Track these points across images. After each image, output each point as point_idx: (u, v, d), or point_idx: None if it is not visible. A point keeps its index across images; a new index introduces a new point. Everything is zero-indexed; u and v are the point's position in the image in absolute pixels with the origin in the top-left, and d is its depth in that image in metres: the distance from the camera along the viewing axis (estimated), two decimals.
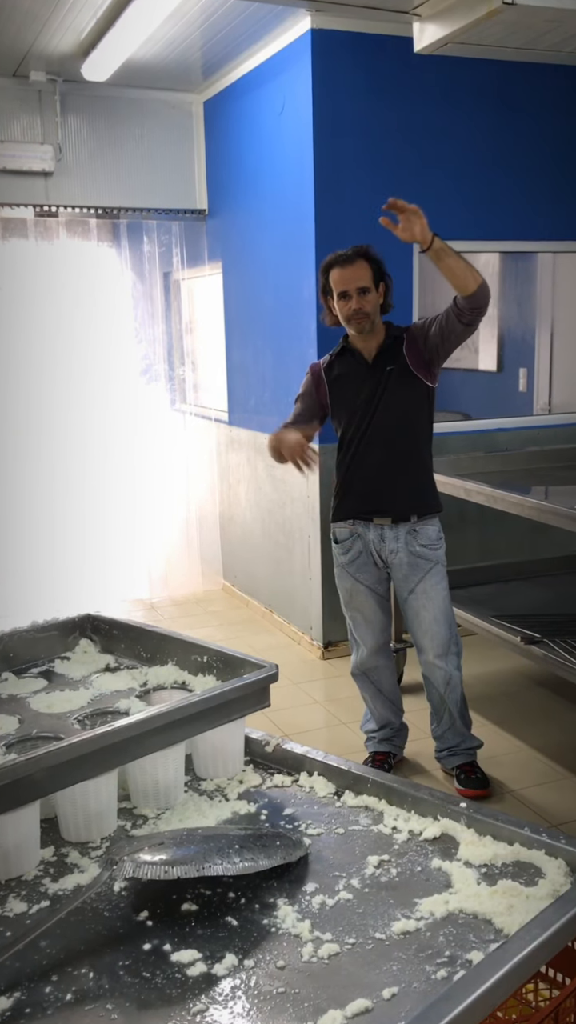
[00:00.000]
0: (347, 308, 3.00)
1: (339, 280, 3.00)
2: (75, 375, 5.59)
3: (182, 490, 6.00)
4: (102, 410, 5.71)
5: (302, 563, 4.80)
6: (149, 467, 5.87)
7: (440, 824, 1.41)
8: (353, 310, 2.99)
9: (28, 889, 1.31)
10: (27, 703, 1.71)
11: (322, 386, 3.18)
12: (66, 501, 5.63)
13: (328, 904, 1.25)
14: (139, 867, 1.23)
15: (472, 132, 4.55)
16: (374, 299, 3.01)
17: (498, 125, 4.59)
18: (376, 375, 3.08)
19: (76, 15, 4.08)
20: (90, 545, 5.70)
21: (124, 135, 5.31)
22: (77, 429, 5.65)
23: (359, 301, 2.98)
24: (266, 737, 1.70)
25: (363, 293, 2.98)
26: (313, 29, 4.14)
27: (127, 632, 1.94)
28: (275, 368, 4.94)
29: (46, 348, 5.49)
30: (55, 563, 5.55)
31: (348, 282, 2.98)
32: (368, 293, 2.99)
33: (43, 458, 5.57)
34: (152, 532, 5.91)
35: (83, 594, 5.33)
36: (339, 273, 3.00)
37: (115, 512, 5.80)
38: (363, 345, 3.10)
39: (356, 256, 3.00)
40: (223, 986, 1.10)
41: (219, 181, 5.41)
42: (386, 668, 3.36)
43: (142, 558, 5.90)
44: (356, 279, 2.98)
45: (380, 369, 3.08)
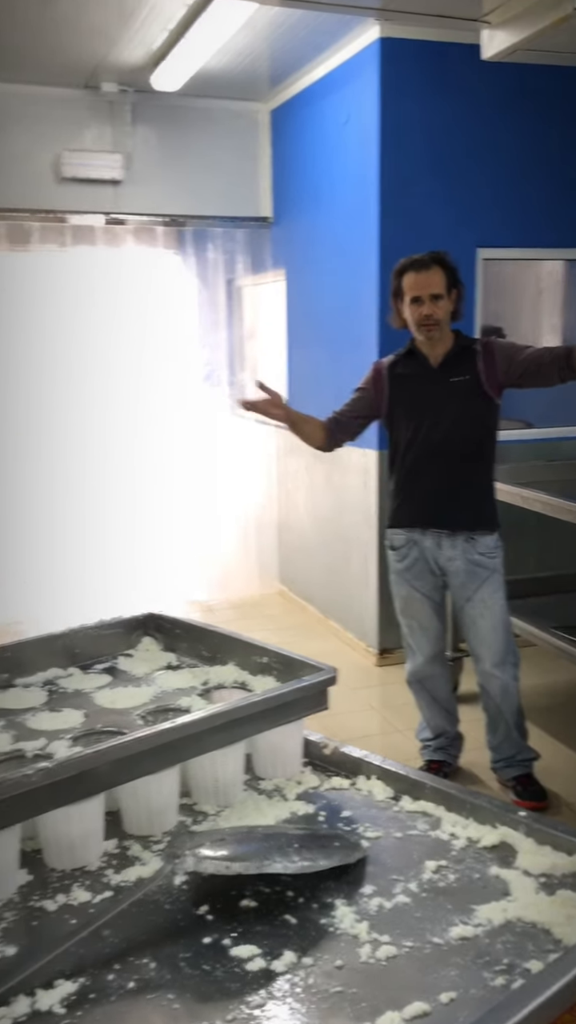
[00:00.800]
0: (418, 313, 2.99)
1: (413, 285, 2.99)
2: (139, 380, 5.68)
3: (241, 494, 6.05)
4: (164, 415, 5.80)
5: (359, 569, 4.80)
6: (209, 471, 5.93)
7: (499, 832, 1.40)
8: (424, 315, 2.98)
9: (92, 879, 1.34)
10: (92, 698, 1.75)
11: (381, 383, 3.16)
12: (127, 503, 5.72)
13: (386, 907, 1.26)
14: (200, 862, 1.25)
15: (540, 139, 4.51)
16: (446, 306, 3.01)
17: (567, 132, 4.55)
18: (441, 382, 3.07)
19: (148, 28, 4.16)
20: (151, 546, 5.78)
21: (192, 144, 5.39)
22: (140, 433, 5.74)
23: (431, 307, 2.97)
24: (324, 740, 1.71)
25: (436, 300, 2.98)
26: (382, 38, 4.16)
27: (189, 631, 1.98)
28: (335, 374, 4.95)
29: (111, 353, 5.59)
30: (119, 563, 5.64)
31: (422, 287, 2.98)
32: (440, 300, 2.99)
33: (109, 461, 5.67)
34: (211, 535, 5.97)
35: (144, 594, 5.41)
36: (413, 278, 2.99)
37: (175, 515, 5.88)
38: (430, 350, 3.10)
39: (432, 262, 2.99)
40: (281, 982, 1.11)
41: (284, 189, 5.46)
42: (441, 676, 3.35)
43: (201, 560, 5.96)
44: (430, 285, 2.97)
45: (445, 377, 3.07)
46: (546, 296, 6.02)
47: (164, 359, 5.76)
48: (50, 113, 5.10)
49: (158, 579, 5.76)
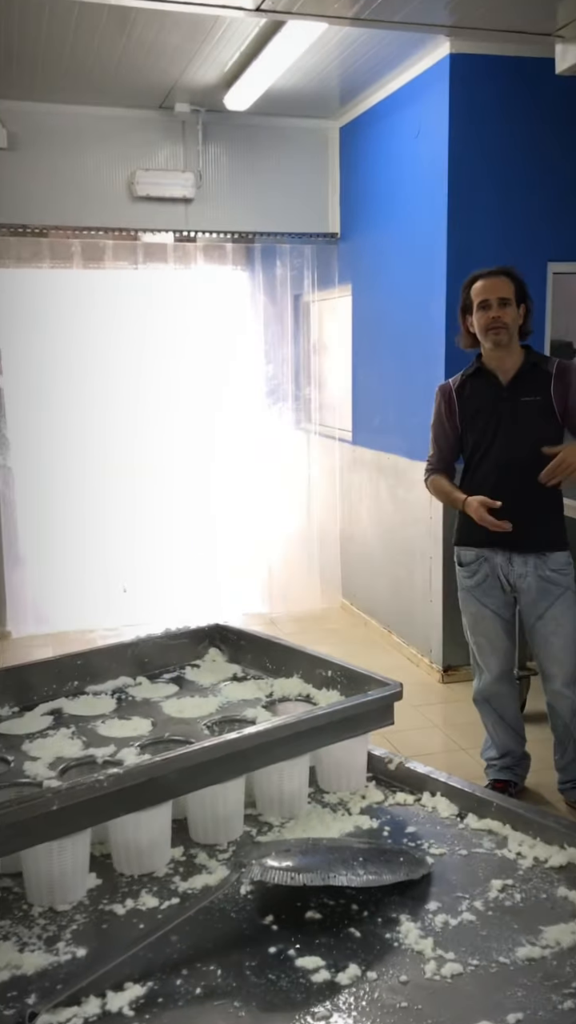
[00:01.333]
0: (486, 318, 2.99)
1: (481, 290, 3.00)
2: (206, 394, 5.76)
3: (304, 507, 6.07)
4: (231, 428, 5.86)
5: (423, 584, 4.78)
6: (274, 484, 5.97)
7: (567, 853, 1.38)
8: (492, 318, 2.97)
9: (159, 886, 1.37)
10: (160, 707, 1.78)
11: (453, 406, 3.16)
12: (192, 515, 5.80)
13: (451, 924, 1.25)
14: (266, 871, 1.26)
15: None
16: (514, 313, 3.00)
17: None
18: (512, 402, 3.05)
19: (221, 49, 4.24)
20: (213, 558, 5.84)
21: (261, 161, 5.46)
22: (205, 446, 5.82)
23: (499, 310, 2.97)
24: (389, 755, 1.71)
25: (504, 304, 2.97)
26: (452, 54, 4.16)
27: (254, 643, 2.00)
28: (400, 389, 4.95)
29: (179, 368, 5.68)
30: (180, 575, 5.71)
31: (490, 292, 2.98)
32: (508, 306, 2.98)
33: (172, 473, 5.76)
34: (274, 548, 6.00)
35: (205, 605, 5.47)
36: (482, 284, 3.01)
37: (238, 527, 5.93)
38: (498, 365, 3.08)
39: (500, 272, 3.03)
40: (346, 995, 1.12)
41: (352, 205, 5.49)
42: (509, 695, 3.30)
43: (263, 573, 6.00)
44: (497, 289, 2.98)
45: (515, 396, 3.05)
46: None
47: (232, 374, 5.83)
48: (125, 134, 5.23)
49: (223, 591, 5.81)
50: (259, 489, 5.95)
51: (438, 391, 3.22)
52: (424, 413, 3.51)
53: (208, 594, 5.72)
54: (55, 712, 1.76)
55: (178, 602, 5.48)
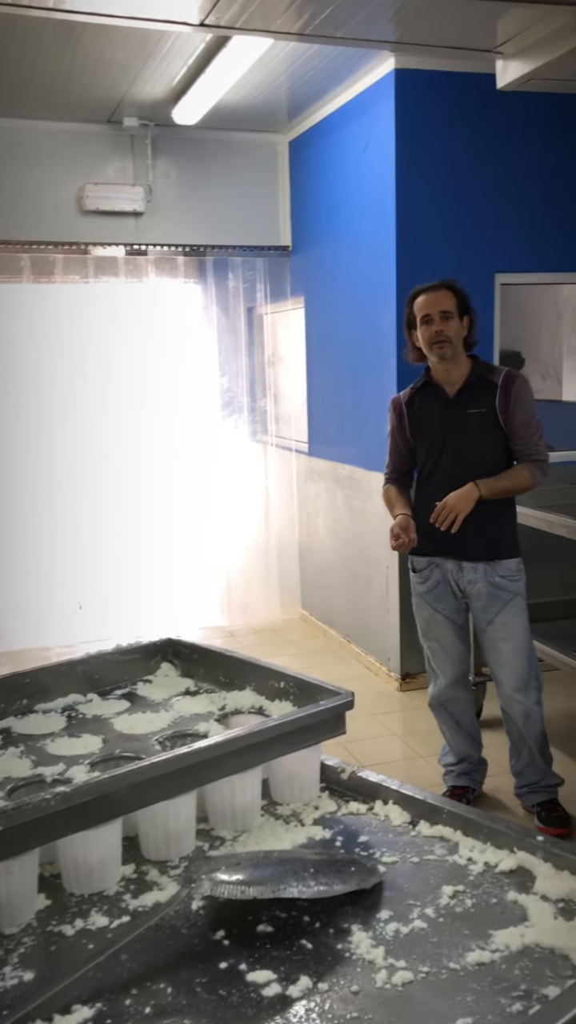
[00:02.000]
0: (429, 332, 3.02)
1: (423, 304, 3.03)
2: (159, 407, 5.74)
3: (262, 519, 6.07)
4: (185, 441, 5.85)
5: (380, 594, 4.80)
6: (230, 497, 5.96)
7: (516, 857, 1.40)
8: (435, 332, 3.00)
9: (110, 904, 1.35)
10: (111, 724, 1.76)
11: (403, 419, 3.20)
12: (148, 529, 5.76)
13: (402, 932, 1.25)
14: (217, 886, 1.25)
15: (555, 165, 4.54)
16: (457, 325, 3.03)
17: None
18: (458, 414, 3.08)
19: (168, 64, 4.25)
20: (171, 572, 5.81)
21: (211, 175, 5.48)
22: (161, 460, 5.79)
23: (441, 323, 3.00)
24: (342, 764, 1.71)
25: (446, 318, 3.00)
26: (397, 69, 4.22)
27: (207, 657, 1.99)
28: (354, 400, 4.99)
29: (131, 382, 5.66)
30: (137, 590, 5.67)
31: (431, 306, 3.01)
32: (451, 319, 3.01)
33: (128, 488, 5.72)
34: (232, 560, 5.99)
35: (163, 620, 5.43)
36: (423, 298, 3.04)
37: (195, 540, 5.91)
38: (445, 378, 3.11)
39: (441, 285, 3.06)
40: (297, 1008, 1.11)
41: (303, 218, 5.52)
42: (464, 700, 3.33)
43: (221, 586, 5.98)
44: (439, 304, 3.01)
45: (462, 408, 3.08)
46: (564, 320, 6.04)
47: (185, 387, 5.82)
48: (74, 148, 5.21)
49: (179, 605, 5.78)
50: (216, 501, 5.94)
51: (390, 404, 3.27)
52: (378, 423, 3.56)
53: (166, 608, 5.69)
54: (3, 731, 1.74)
55: (135, 617, 5.44)
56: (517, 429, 3.08)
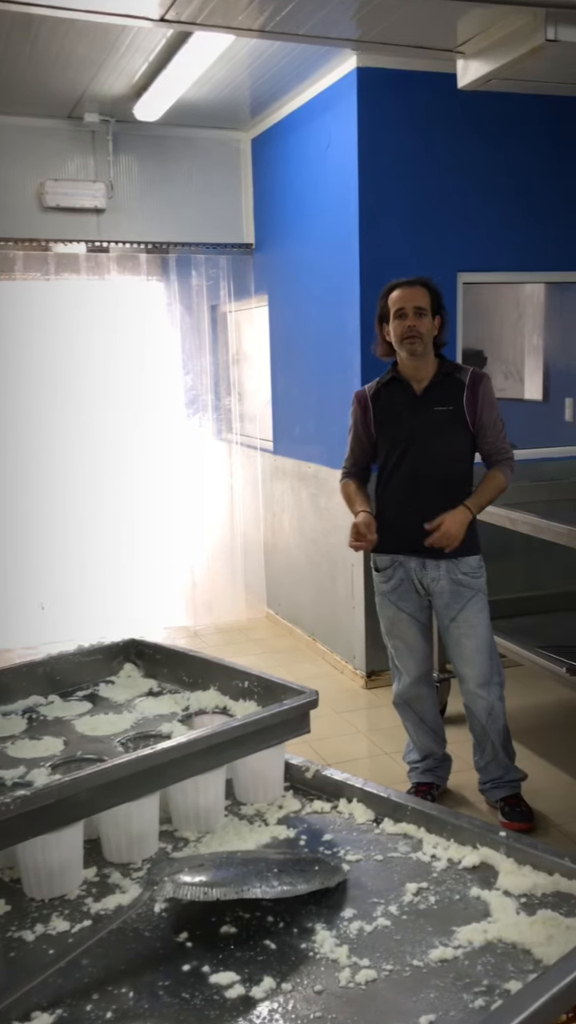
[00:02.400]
0: (402, 327, 3.02)
1: (397, 299, 3.03)
2: (123, 406, 5.70)
3: (227, 518, 6.06)
4: (149, 440, 5.81)
5: (345, 592, 4.81)
6: (195, 496, 5.94)
7: (479, 853, 1.40)
8: (408, 327, 3.01)
9: (71, 908, 1.33)
10: (72, 726, 1.74)
11: (368, 413, 3.19)
12: (112, 529, 5.72)
13: (366, 930, 1.25)
14: (179, 888, 1.24)
15: (517, 164, 4.58)
16: (429, 323, 3.04)
17: (543, 157, 4.62)
18: (425, 411, 3.09)
19: (129, 59, 4.22)
20: (135, 572, 5.77)
21: (174, 172, 5.45)
22: (125, 459, 5.75)
23: (414, 319, 3.00)
24: (306, 763, 1.71)
25: (420, 314, 3.01)
26: (359, 68, 4.23)
27: (170, 657, 1.97)
28: (319, 398, 4.99)
29: (95, 380, 5.61)
30: (101, 590, 5.63)
31: (406, 301, 3.02)
32: (424, 316, 3.02)
33: (92, 487, 5.68)
34: (197, 560, 5.97)
35: (128, 620, 5.39)
36: (399, 293, 3.04)
37: (161, 540, 5.87)
38: (412, 374, 3.12)
39: (417, 282, 3.06)
40: (261, 1009, 1.11)
41: (266, 216, 5.51)
42: (428, 698, 3.35)
43: (186, 585, 5.96)
44: (414, 299, 3.02)
45: (429, 405, 3.10)
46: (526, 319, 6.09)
47: (149, 385, 5.78)
48: (34, 143, 5.15)
49: (144, 605, 5.75)
50: (181, 500, 5.91)
51: (354, 398, 3.25)
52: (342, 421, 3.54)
53: (130, 608, 5.64)
54: None
55: (99, 618, 5.40)
56: (485, 428, 3.12)
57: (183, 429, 5.92)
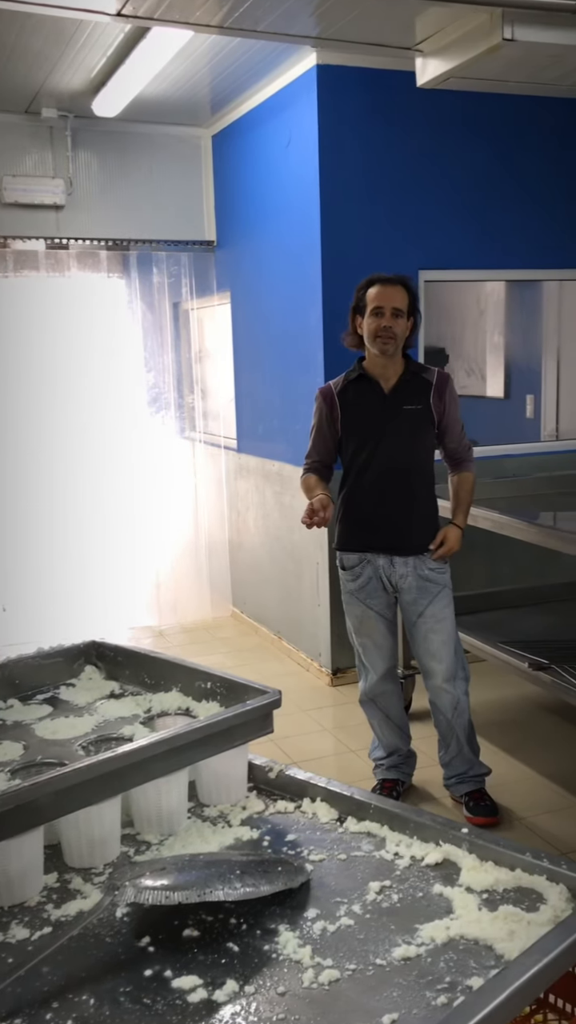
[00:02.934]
0: (376, 325, 3.02)
1: (376, 296, 3.02)
2: (84, 404, 5.65)
3: (191, 517, 6.03)
4: (111, 439, 5.76)
5: (311, 590, 4.81)
6: (158, 494, 5.90)
7: (442, 850, 1.41)
8: (383, 327, 3.01)
9: (31, 915, 1.32)
10: (32, 729, 1.72)
11: (335, 410, 3.17)
12: (75, 529, 5.66)
13: (329, 930, 1.25)
14: (140, 892, 1.23)
15: (476, 163, 4.61)
16: (404, 325, 3.05)
17: (502, 156, 4.65)
18: (393, 409, 3.10)
19: (86, 54, 4.17)
20: (99, 572, 5.72)
21: (134, 169, 5.41)
22: (86, 458, 5.70)
23: (391, 320, 3.01)
24: (269, 763, 1.70)
25: (396, 315, 3.02)
26: (319, 65, 4.22)
27: (132, 659, 1.96)
28: (283, 396, 4.98)
29: (56, 378, 5.55)
30: (64, 591, 5.57)
31: (386, 299, 3.01)
32: (400, 317, 3.02)
33: (53, 487, 5.61)
34: (161, 559, 5.93)
35: (92, 621, 5.35)
36: (379, 290, 3.03)
37: (124, 539, 5.83)
38: (380, 372, 3.12)
39: (398, 280, 3.06)
40: (224, 1012, 1.10)
41: (227, 213, 5.49)
42: (394, 694, 3.36)
43: (151, 585, 5.92)
44: (394, 299, 3.01)
45: (397, 403, 3.11)
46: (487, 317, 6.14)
47: (111, 383, 5.73)
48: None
49: (108, 605, 5.70)
50: (144, 499, 5.86)
51: (319, 394, 3.23)
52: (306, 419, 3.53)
53: (94, 609, 5.59)
54: None
55: (62, 619, 5.34)
56: (451, 428, 3.17)
57: (146, 427, 5.87)
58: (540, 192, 4.75)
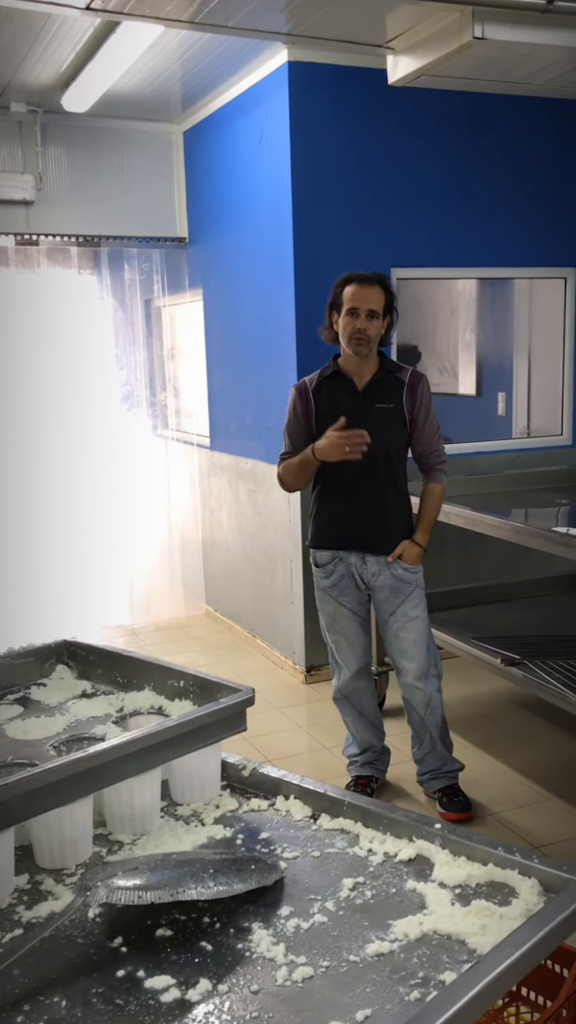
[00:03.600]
0: (351, 326, 3.01)
1: (352, 296, 3.01)
2: (56, 402, 5.60)
3: (164, 515, 6.00)
4: (83, 436, 5.72)
5: (284, 587, 4.81)
6: (131, 493, 5.87)
7: (415, 845, 1.41)
8: (357, 329, 3.00)
9: (1, 917, 1.30)
10: (2, 730, 1.70)
11: (309, 406, 3.16)
12: (48, 527, 5.62)
13: (303, 927, 1.25)
14: (113, 893, 1.22)
15: (448, 161, 4.63)
16: (379, 326, 3.04)
17: (473, 154, 4.67)
18: (367, 407, 3.10)
19: (56, 48, 4.14)
20: (72, 571, 5.68)
21: (105, 165, 5.37)
22: (58, 456, 5.66)
23: (365, 322, 3.00)
24: (243, 761, 1.70)
25: (372, 316, 3.01)
26: (290, 61, 4.22)
27: (104, 658, 1.94)
28: (256, 393, 4.97)
29: (26, 375, 5.50)
30: (37, 590, 5.53)
31: (361, 300, 3.00)
32: (375, 319, 3.02)
33: (24, 486, 5.57)
34: (134, 558, 5.90)
35: (65, 621, 5.31)
36: (355, 290, 3.02)
37: (97, 538, 5.79)
38: (355, 370, 3.12)
39: (376, 280, 3.04)
40: (197, 1012, 1.09)
41: (199, 209, 5.47)
42: (367, 691, 3.36)
43: (124, 584, 5.89)
44: (369, 300, 3.01)
45: (370, 401, 3.11)
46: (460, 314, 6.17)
47: (82, 381, 5.69)
48: None
49: (81, 605, 5.66)
50: (117, 498, 5.83)
51: (294, 390, 3.23)
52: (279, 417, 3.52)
53: (67, 609, 5.55)
54: None
55: (35, 619, 5.30)
56: (422, 428, 3.16)
57: (118, 425, 5.84)
58: (511, 190, 4.78)
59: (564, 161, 4.86)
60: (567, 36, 3.39)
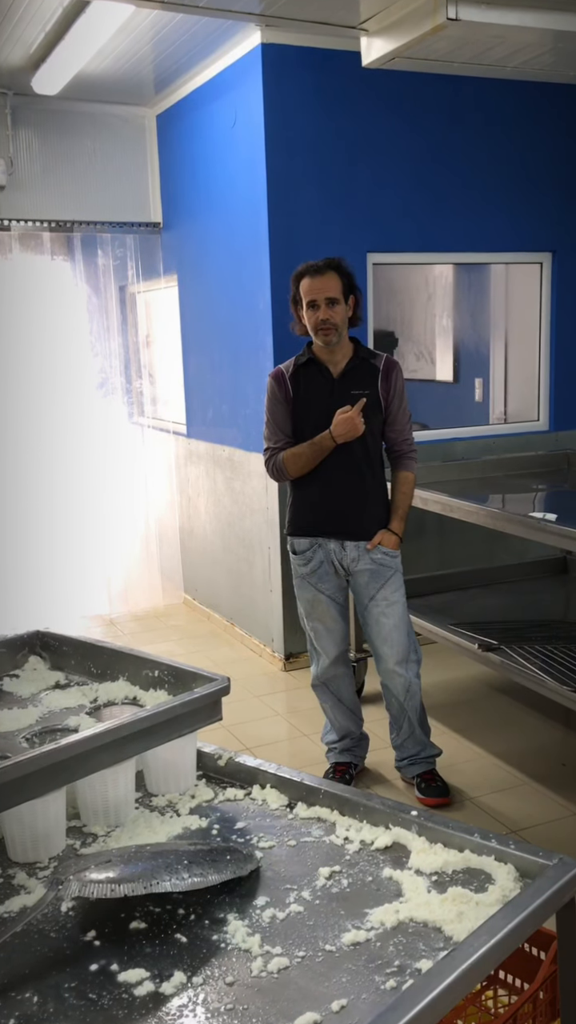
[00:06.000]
0: (315, 318, 3.01)
1: (308, 289, 3.00)
2: (30, 390, 5.54)
3: (141, 504, 5.97)
4: (58, 424, 5.67)
5: (262, 575, 4.79)
6: (107, 481, 5.82)
7: (392, 833, 1.40)
8: (321, 320, 3.00)
9: None
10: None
11: (287, 393, 3.15)
12: (24, 517, 5.57)
13: (279, 917, 1.24)
14: (85, 886, 1.21)
15: (422, 145, 4.60)
16: (342, 311, 3.03)
17: (448, 138, 4.65)
18: (342, 394, 3.09)
19: (24, 28, 4.06)
20: (48, 561, 5.64)
21: (77, 149, 5.29)
22: (33, 445, 5.60)
23: (327, 312, 2.99)
24: (219, 751, 1.69)
25: (332, 304, 2.99)
26: (264, 44, 4.17)
27: (77, 648, 1.92)
28: (232, 380, 4.94)
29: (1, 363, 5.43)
30: (11, 580, 5.48)
31: (317, 292, 2.99)
32: (336, 305, 3.00)
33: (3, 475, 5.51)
34: (111, 547, 5.86)
35: (41, 611, 5.27)
36: (309, 283, 3.00)
37: (73, 527, 5.75)
38: (328, 358, 3.11)
39: (327, 267, 3.02)
40: (171, 1004, 1.08)
41: (173, 194, 5.41)
42: (346, 677, 3.36)
43: (101, 573, 5.85)
44: (325, 289, 2.99)
45: (346, 388, 3.09)
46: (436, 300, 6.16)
47: (56, 368, 5.63)
48: None
49: (57, 594, 5.62)
50: (94, 486, 5.79)
51: (271, 378, 3.21)
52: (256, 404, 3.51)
53: (44, 599, 5.51)
54: None
55: (11, 609, 5.26)
56: (395, 416, 3.16)
57: (93, 413, 5.79)
58: (488, 175, 4.76)
59: (540, 145, 4.85)
60: (541, 18, 3.37)
